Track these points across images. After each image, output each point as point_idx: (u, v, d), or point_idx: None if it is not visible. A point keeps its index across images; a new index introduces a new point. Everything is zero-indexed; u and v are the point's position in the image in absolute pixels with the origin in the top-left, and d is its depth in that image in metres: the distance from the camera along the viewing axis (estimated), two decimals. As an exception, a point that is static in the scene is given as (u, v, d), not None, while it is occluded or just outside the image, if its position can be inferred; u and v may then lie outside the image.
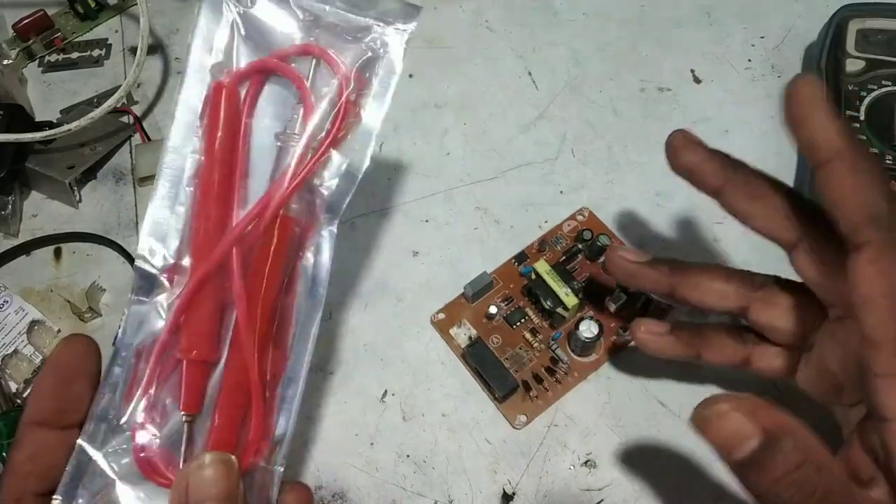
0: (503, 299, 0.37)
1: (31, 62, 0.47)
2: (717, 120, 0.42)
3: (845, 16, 0.40)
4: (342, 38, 0.25)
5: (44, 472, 0.23)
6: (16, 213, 0.41)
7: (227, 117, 0.25)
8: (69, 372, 0.24)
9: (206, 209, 0.24)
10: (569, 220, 0.39)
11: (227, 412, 0.24)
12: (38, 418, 0.24)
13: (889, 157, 0.35)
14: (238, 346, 0.24)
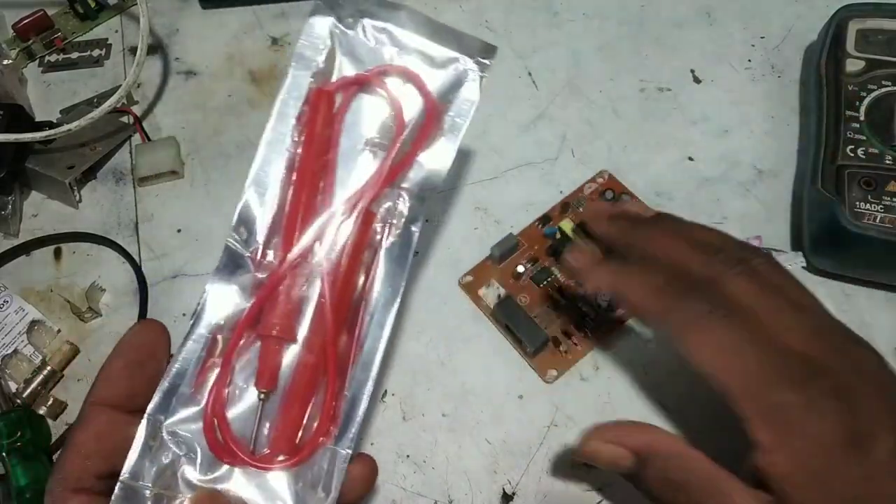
0: (528, 260, 0.38)
1: (31, 62, 0.47)
2: (717, 120, 0.42)
3: (845, 16, 0.40)
4: (430, 64, 0.28)
5: (107, 453, 0.23)
6: (16, 213, 0.41)
7: (324, 120, 0.27)
8: (141, 355, 0.24)
9: (300, 198, 0.26)
10: (589, 183, 0.40)
11: (300, 392, 0.25)
12: (106, 399, 0.24)
13: (889, 158, 0.35)
14: (317, 329, 0.25)
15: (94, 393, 0.24)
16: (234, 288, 0.25)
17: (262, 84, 0.46)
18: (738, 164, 0.40)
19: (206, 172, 0.42)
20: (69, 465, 0.23)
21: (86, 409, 0.24)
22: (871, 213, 0.34)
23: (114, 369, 0.24)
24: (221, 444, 0.24)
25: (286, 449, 0.24)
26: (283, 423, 0.25)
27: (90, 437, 0.23)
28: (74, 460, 0.23)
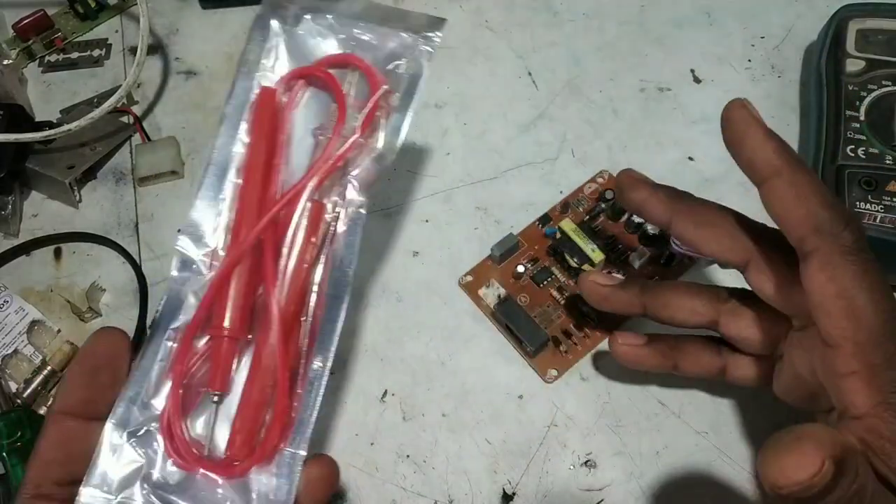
0: (529, 260, 0.38)
1: (31, 62, 0.47)
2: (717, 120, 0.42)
3: (845, 16, 0.40)
4: (374, 48, 0.28)
5: (65, 461, 0.23)
6: (16, 213, 0.41)
7: (270, 117, 0.27)
8: (99, 363, 0.24)
9: (248, 196, 0.26)
10: (589, 183, 0.40)
11: (254, 393, 0.25)
12: (66, 408, 0.24)
13: (889, 158, 0.35)
14: (266, 327, 0.25)
15: (55, 402, 0.24)
16: (188, 292, 0.25)
17: (262, 84, 0.46)
18: (738, 164, 0.40)
19: (206, 172, 0.42)
20: (30, 472, 0.23)
21: (46, 418, 0.24)
22: (872, 214, 0.34)
23: (73, 378, 0.24)
24: (178, 449, 0.24)
25: (243, 453, 0.24)
26: (240, 427, 0.24)
27: (49, 444, 0.23)
28: (35, 467, 0.23)
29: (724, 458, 0.33)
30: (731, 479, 0.32)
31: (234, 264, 0.25)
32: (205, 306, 0.25)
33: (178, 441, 0.24)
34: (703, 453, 0.33)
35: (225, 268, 0.25)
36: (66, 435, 0.23)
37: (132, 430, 0.24)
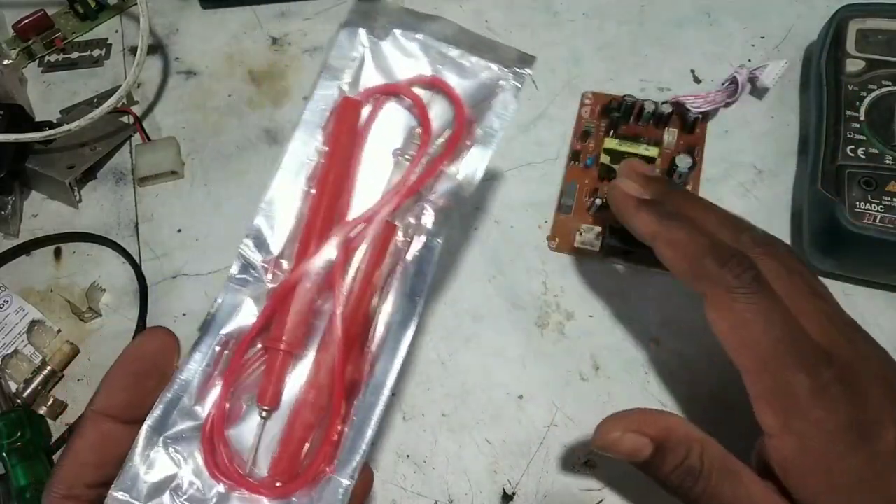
0: (589, 195, 0.39)
1: (31, 62, 0.47)
2: (717, 120, 0.42)
3: (845, 16, 0.40)
4: (463, 75, 0.27)
5: (101, 463, 0.23)
6: (16, 213, 0.41)
7: (349, 129, 0.27)
8: (143, 366, 0.24)
9: (319, 209, 0.25)
10: (582, 111, 0.42)
11: (305, 413, 0.24)
12: (107, 409, 0.23)
13: (889, 158, 0.35)
14: (326, 346, 0.24)
15: (95, 401, 0.23)
16: (245, 298, 0.24)
17: (262, 84, 0.46)
18: (738, 164, 0.40)
19: (206, 172, 0.43)
20: (63, 471, 0.23)
21: (84, 417, 0.23)
22: (872, 213, 0.34)
23: (115, 379, 0.24)
24: (218, 464, 0.23)
25: (286, 474, 0.23)
26: (285, 447, 0.24)
27: (86, 445, 0.23)
28: (69, 467, 0.23)
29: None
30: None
31: (300, 279, 0.24)
32: (265, 316, 0.24)
33: (220, 457, 0.23)
34: (703, 453, 0.33)
35: (291, 280, 0.24)
36: (105, 437, 0.23)
37: (169, 435, 0.23)
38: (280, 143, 0.43)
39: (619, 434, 0.27)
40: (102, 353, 0.37)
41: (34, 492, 0.32)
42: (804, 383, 0.24)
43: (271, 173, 0.26)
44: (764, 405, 0.25)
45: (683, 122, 0.41)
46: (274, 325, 0.24)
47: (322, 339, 0.25)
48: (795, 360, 0.24)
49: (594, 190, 0.39)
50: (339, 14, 0.48)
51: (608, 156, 0.39)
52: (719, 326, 0.26)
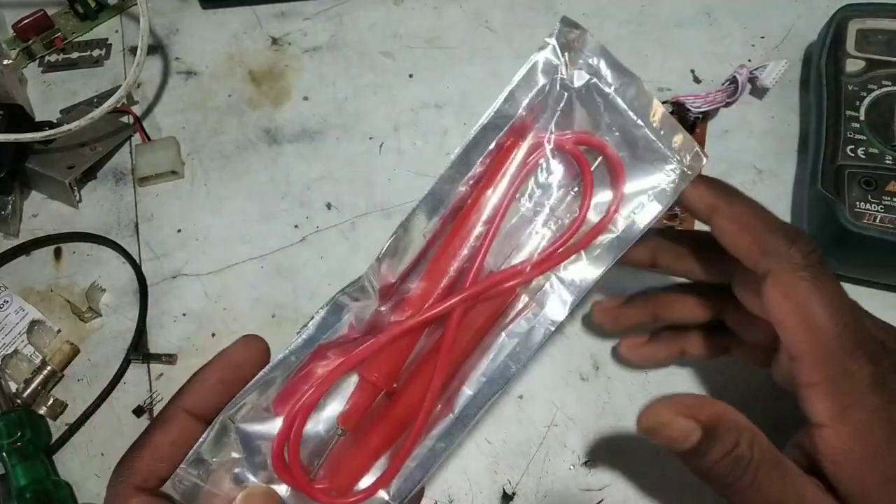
0: None
1: (31, 62, 0.47)
2: (717, 120, 0.42)
3: (845, 16, 0.40)
4: (633, 153, 0.26)
5: (178, 460, 0.23)
6: (16, 213, 0.41)
7: (505, 172, 0.26)
8: (239, 374, 0.24)
9: (454, 250, 0.25)
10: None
11: (375, 440, 0.25)
12: (195, 409, 0.24)
13: (889, 157, 0.35)
14: (418, 382, 0.25)
15: (183, 399, 0.24)
16: (350, 314, 0.25)
17: (262, 84, 0.46)
18: (738, 164, 0.40)
19: (206, 172, 0.42)
20: (140, 462, 0.23)
21: (170, 411, 0.24)
22: (872, 213, 0.34)
23: (208, 381, 0.24)
24: (286, 465, 0.24)
25: (343, 487, 0.24)
26: (350, 464, 0.25)
27: (168, 440, 0.23)
28: (146, 459, 0.23)
29: (724, 458, 0.33)
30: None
31: (419, 328, 0.25)
32: (370, 349, 0.24)
33: (292, 464, 0.24)
34: (703, 453, 0.33)
35: (408, 325, 0.25)
36: (187, 435, 0.24)
37: (245, 426, 0.24)
38: (280, 143, 0.43)
39: (668, 418, 0.24)
40: (102, 353, 0.37)
41: (34, 492, 0.32)
42: (865, 371, 0.23)
43: (415, 203, 0.25)
44: (819, 393, 0.24)
45: (683, 122, 0.41)
46: (376, 357, 0.25)
47: (416, 375, 0.25)
48: (859, 347, 0.23)
49: None
50: (339, 14, 0.48)
51: None
52: (781, 307, 0.24)
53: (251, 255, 0.39)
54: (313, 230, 0.40)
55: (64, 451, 0.35)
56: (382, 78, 0.45)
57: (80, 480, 0.34)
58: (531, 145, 0.26)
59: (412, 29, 0.47)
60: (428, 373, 0.25)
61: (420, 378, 0.25)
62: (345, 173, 0.42)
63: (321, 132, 0.43)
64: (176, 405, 0.24)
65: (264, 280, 0.39)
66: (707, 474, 0.25)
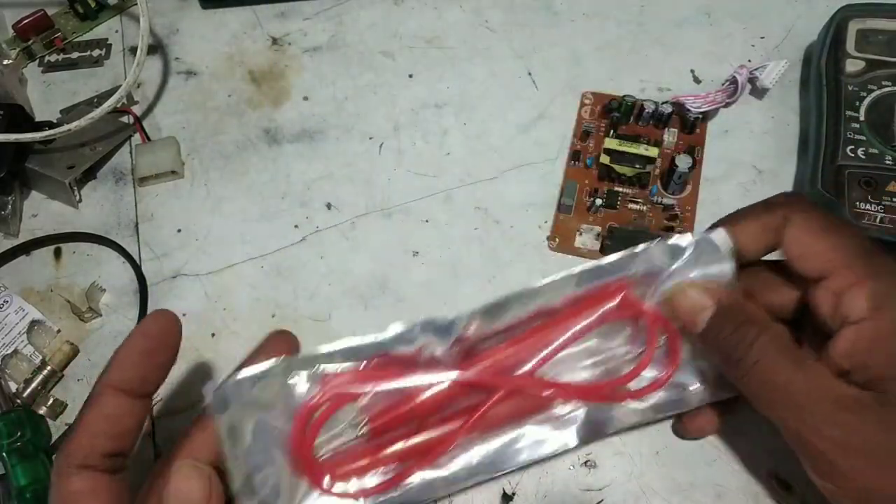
0: (589, 195, 0.39)
1: (31, 62, 0.47)
2: (717, 120, 0.42)
3: (845, 16, 0.40)
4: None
5: (114, 434, 0.24)
6: (16, 213, 0.41)
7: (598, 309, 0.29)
8: (153, 344, 0.25)
9: (530, 343, 0.28)
10: (582, 110, 0.43)
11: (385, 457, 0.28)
12: (120, 384, 0.25)
13: (889, 158, 0.35)
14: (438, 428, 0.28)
15: (107, 376, 0.25)
16: (422, 342, 0.27)
17: (262, 84, 0.46)
18: (738, 164, 0.40)
19: (206, 172, 0.42)
20: (76, 442, 0.24)
21: (97, 389, 0.24)
22: (872, 214, 0.34)
23: (127, 355, 0.25)
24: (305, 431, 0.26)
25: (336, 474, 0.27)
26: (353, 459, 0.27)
27: (100, 416, 0.24)
28: (82, 438, 0.24)
29: (723, 458, 0.33)
30: (731, 479, 0.32)
31: (474, 385, 0.28)
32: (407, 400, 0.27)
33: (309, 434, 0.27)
34: (703, 453, 0.33)
35: (467, 380, 0.28)
36: (118, 409, 0.24)
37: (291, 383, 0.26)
38: (280, 143, 0.43)
39: (683, 286, 0.27)
40: (102, 353, 0.37)
41: (34, 492, 0.32)
42: (892, 266, 0.25)
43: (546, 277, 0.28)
44: (856, 292, 0.25)
45: (683, 122, 0.41)
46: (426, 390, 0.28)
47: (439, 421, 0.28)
48: (881, 253, 0.25)
49: (594, 190, 0.39)
50: (339, 14, 0.48)
51: (608, 156, 0.39)
52: (800, 242, 0.26)
53: (251, 255, 0.39)
54: (313, 230, 0.40)
55: (64, 451, 0.35)
56: (382, 78, 0.45)
57: (80, 480, 0.34)
58: (629, 301, 0.29)
59: (412, 29, 0.47)
60: (453, 425, 0.28)
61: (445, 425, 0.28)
62: (345, 173, 0.42)
63: (321, 132, 0.43)
64: (102, 383, 0.25)
65: (264, 280, 0.39)
66: (717, 353, 0.27)
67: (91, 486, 0.23)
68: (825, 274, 0.26)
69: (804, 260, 0.26)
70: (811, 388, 0.24)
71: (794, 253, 0.27)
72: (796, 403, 0.24)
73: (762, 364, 0.25)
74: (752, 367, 0.25)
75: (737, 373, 0.26)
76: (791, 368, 0.25)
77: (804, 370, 0.25)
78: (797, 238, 0.27)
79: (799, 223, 0.27)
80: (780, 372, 0.25)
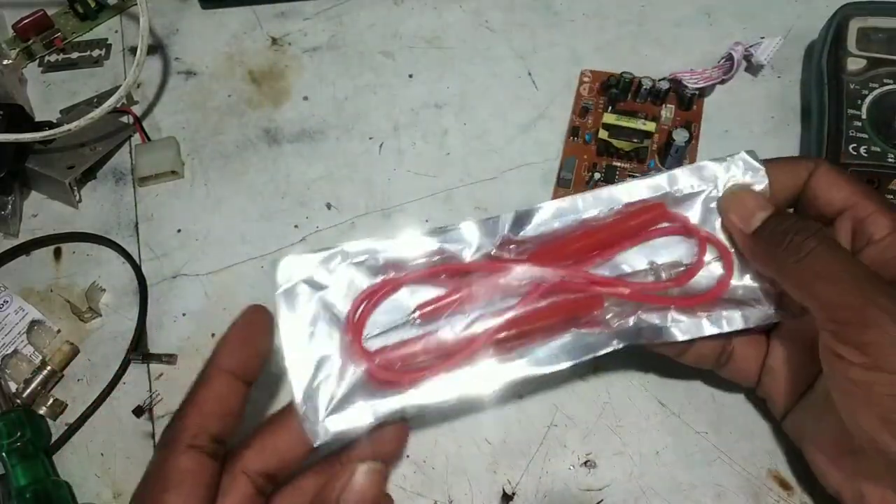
0: (588, 169, 0.40)
1: (31, 62, 0.47)
2: (717, 120, 0.42)
3: (846, 14, 0.40)
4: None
5: (223, 416, 0.25)
6: (16, 213, 0.41)
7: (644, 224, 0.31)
8: (256, 332, 0.27)
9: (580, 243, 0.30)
10: (580, 88, 0.43)
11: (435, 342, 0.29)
12: (229, 367, 0.26)
13: (891, 156, 0.35)
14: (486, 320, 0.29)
15: (219, 359, 0.26)
16: (472, 244, 0.29)
17: (262, 84, 0.46)
18: (738, 163, 0.40)
19: (206, 172, 0.42)
20: (188, 420, 0.24)
21: (209, 371, 0.25)
22: (873, 213, 0.34)
23: (235, 340, 0.26)
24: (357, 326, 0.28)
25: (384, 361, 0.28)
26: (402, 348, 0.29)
27: (212, 396, 0.25)
28: (194, 416, 0.24)
29: (724, 458, 0.33)
30: (731, 479, 0.32)
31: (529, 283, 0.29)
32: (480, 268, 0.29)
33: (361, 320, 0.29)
34: (703, 453, 0.33)
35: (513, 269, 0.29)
36: (228, 390, 0.25)
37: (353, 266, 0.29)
38: (280, 143, 0.43)
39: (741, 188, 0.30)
40: (102, 353, 0.37)
41: (34, 492, 0.32)
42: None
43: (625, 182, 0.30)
44: (878, 215, 0.27)
45: (680, 98, 0.41)
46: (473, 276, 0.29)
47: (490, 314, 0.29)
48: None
49: (593, 165, 0.40)
50: (339, 14, 0.48)
51: (606, 131, 0.40)
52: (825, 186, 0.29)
53: (251, 255, 0.39)
54: (313, 230, 0.40)
55: (64, 451, 0.35)
56: (382, 78, 0.45)
57: (80, 480, 0.34)
58: (674, 215, 0.30)
59: (412, 29, 0.47)
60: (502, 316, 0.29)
61: (493, 318, 0.29)
62: (345, 173, 0.42)
63: (321, 132, 0.43)
64: (213, 365, 0.26)
65: (264, 280, 0.39)
66: (774, 242, 0.27)
67: (197, 467, 0.24)
68: (848, 205, 0.28)
69: (831, 194, 0.28)
70: (871, 273, 0.25)
71: (822, 188, 0.29)
72: (855, 278, 0.25)
73: (822, 247, 0.26)
74: (814, 249, 0.26)
75: (796, 255, 0.26)
76: (847, 255, 0.26)
77: (859, 261, 0.26)
78: (824, 178, 0.29)
79: (824, 170, 0.29)
80: (841, 257, 0.26)
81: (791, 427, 0.31)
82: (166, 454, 0.24)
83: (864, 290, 0.24)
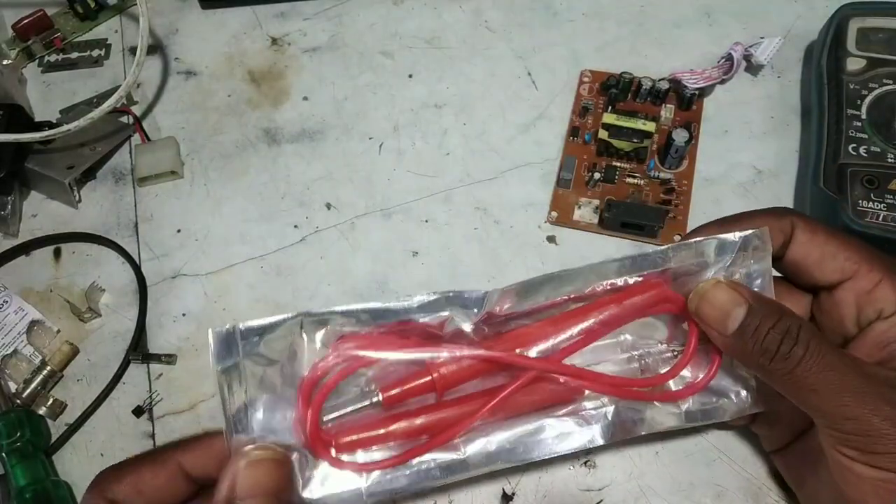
0: (587, 170, 0.40)
1: (30, 62, 0.47)
2: (717, 120, 0.42)
3: (846, 14, 0.40)
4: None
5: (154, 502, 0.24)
6: (16, 213, 0.41)
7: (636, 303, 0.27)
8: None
9: (562, 326, 0.27)
10: (581, 88, 0.43)
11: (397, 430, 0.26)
12: (190, 468, 0.25)
13: (891, 156, 0.35)
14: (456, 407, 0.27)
15: (185, 454, 0.25)
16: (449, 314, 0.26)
17: (261, 84, 0.46)
18: (738, 164, 0.40)
19: (205, 172, 0.42)
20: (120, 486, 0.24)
21: (168, 456, 0.25)
22: (874, 212, 0.34)
23: (213, 448, 0.25)
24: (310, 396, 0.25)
25: (341, 445, 0.26)
26: (362, 431, 0.26)
27: (154, 483, 0.24)
28: (127, 487, 0.24)
29: (724, 458, 0.33)
30: (731, 479, 0.32)
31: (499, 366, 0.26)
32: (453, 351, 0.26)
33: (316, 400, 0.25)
34: (703, 453, 0.33)
35: (493, 357, 0.26)
36: (174, 487, 0.24)
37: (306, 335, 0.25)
38: (279, 143, 0.43)
39: (714, 282, 0.26)
40: (102, 353, 0.37)
41: (33, 492, 0.32)
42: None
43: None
44: (886, 286, 0.26)
45: (680, 98, 0.42)
46: (449, 363, 0.26)
47: (459, 400, 0.27)
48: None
49: (592, 165, 0.40)
50: (339, 14, 0.48)
51: (606, 131, 0.40)
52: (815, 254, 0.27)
53: (251, 255, 0.39)
54: (313, 230, 0.40)
55: (64, 451, 0.35)
56: (382, 78, 0.45)
57: (80, 480, 0.34)
58: (666, 295, 0.27)
59: (412, 29, 0.47)
60: (472, 405, 0.26)
61: (464, 405, 0.26)
62: (344, 173, 0.42)
63: (321, 132, 0.43)
64: (176, 455, 0.24)
65: (264, 280, 0.39)
66: (757, 351, 0.25)
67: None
68: (847, 276, 0.26)
69: (824, 263, 0.27)
70: (866, 374, 0.23)
71: (812, 258, 0.27)
72: (854, 389, 0.23)
73: (811, 355, 0.24)
74: (802, 358, 0.24)
75: (783, 367, 0.24)
76: (838, 357, 0.24)
77: (851, 359, 0.24)
78: (810, 243, 0.27)
79: (806, 229, 0.27)
80: (831, 362, 0.24)
81: (782, 464, 0.30)
82: (87, 500, 0.24)
83: (865, 400, 0.23)
